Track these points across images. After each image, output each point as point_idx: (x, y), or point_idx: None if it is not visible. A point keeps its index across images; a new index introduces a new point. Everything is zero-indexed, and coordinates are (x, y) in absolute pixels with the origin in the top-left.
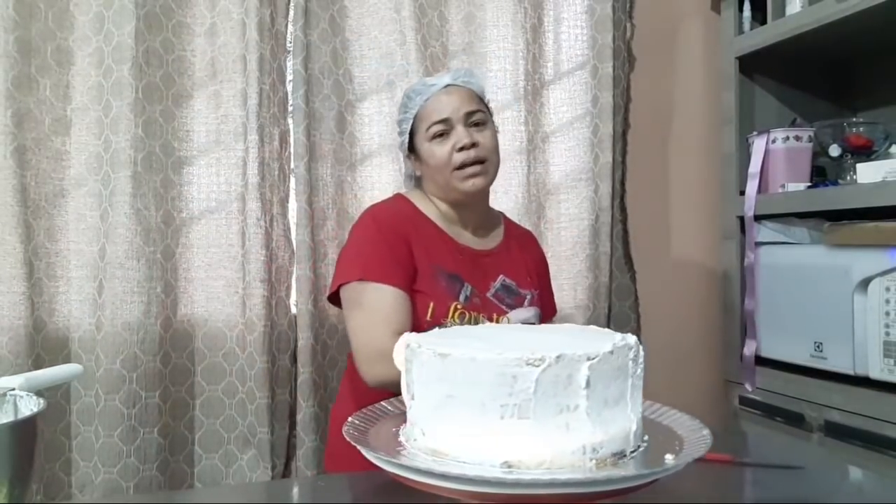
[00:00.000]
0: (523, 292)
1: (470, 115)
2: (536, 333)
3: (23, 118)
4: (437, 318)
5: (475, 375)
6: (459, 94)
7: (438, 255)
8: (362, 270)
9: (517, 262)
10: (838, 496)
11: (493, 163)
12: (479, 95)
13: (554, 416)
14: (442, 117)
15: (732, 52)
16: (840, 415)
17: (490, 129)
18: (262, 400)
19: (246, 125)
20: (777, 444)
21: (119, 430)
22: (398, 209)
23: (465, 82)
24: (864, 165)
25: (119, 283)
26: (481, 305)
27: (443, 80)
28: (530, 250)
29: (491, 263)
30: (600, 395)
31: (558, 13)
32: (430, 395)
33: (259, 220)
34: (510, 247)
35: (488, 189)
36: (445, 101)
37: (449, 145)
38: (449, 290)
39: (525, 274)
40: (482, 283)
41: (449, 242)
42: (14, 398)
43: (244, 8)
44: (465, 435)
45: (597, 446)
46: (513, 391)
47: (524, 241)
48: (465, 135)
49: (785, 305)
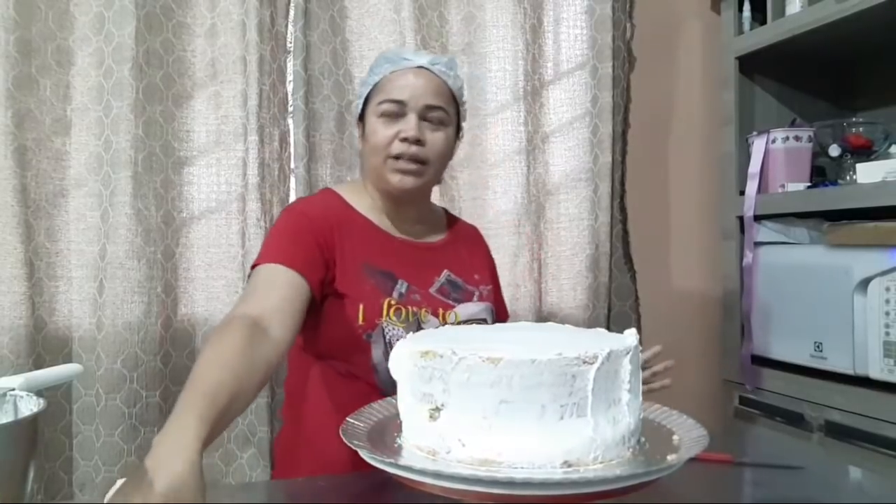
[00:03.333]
0: (470, 288)
1: (429, 108)
2: (530, 333)
3: (23, 118)
4: (370, 320)
5: (534, 378)
6: (428, 81)
7: (367, 252)
8: (259, 257)
9: (463, 257)
10: (838, 496)
11: (433, 167)
12: (451, 92)
13: (605, 411)
14: (397, 98)
15: (732, 53)
16: (840, 415)
17: (445, 133)
18: (261, 399)
19: (246, 126)
20: (777, 444)
21: (120, 430)
22: (324, 204)
23: (441, 72)
24: (864, 165)
25: (119, 282)
26: (422, 301)
27: (419, 59)
28: (478, 247)
29: (433, 258)
30: (634, 388)
31: (558, 13)
32: (476, 403)
33: (259, 220)
34: (455, 241)
35: (427, 189)
36: (409, 83)
37: (394, 130)
38: (379, 288)
39: (472, 270)
40: (423, 279)
41: (381, 236)
42: (14, 398)
43: (244, 9)
44: (521, 440)
45: (630, 435)
46: (572, 390)
47: (471, 238)
48: (415, 127)
49: (785, 305)
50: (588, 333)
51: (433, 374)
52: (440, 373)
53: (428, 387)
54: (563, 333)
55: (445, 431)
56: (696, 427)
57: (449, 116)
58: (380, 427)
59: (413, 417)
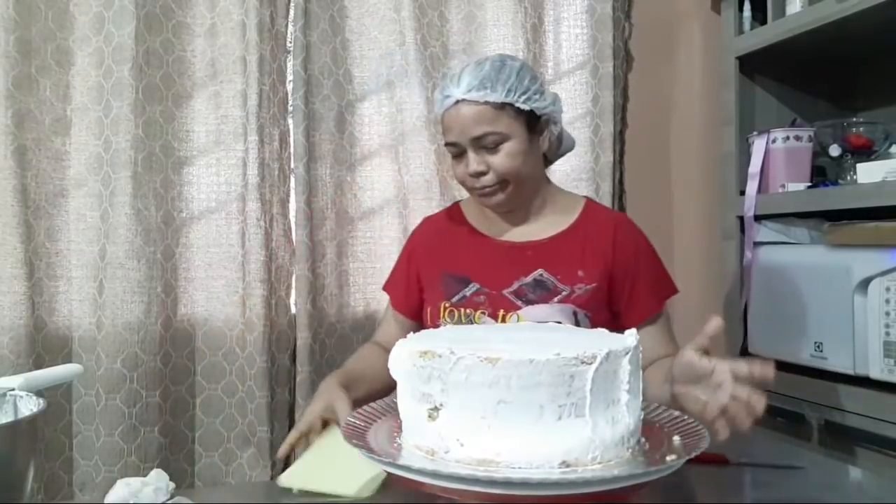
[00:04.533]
0: (561, 287)
1: (478, 139)
2: (531, 333)
3: (23, 118)
4: (433, 322)
5: (532, 378)
6: (469, 114)
7: (452, 260)
8: (388, 280)
9: (573, 254)
10: (838, 496)
11: (512, 178)
12: (495, 107)
13: (604, 411)
14: (451, 140)
15: (732, 52)
16: (840, 415)
17: (507, 148)
18: (261, 399)
19: (246, 126)
20: (777, 444)
21: (119, 429)
22: (435, 220)
23: (478, 97)
24: (865, 165)
25: (119, 282)
26: (485, 302)
27: (457, 91)
28: (605, 240)
29: (532, 257)
30: (633, 388)
31: (558, 13)
32: (474, 403)
33: (259, 220)
34: (573, 236)
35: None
36: (454, 123)
37: (463, 165)
38: (444, 291)
39: (579, 266)
40: (501, 279)
41: (476, 242)
42: (14, 398)
43: (244, 8)
44: (519, 440)
45: (630, 436)
46: (571, 391)
47: (602, 230)
48: (474, 162)
49: (785, 305)
50: (589, 333)
51: (432, 374)
52: (439, 372)
53: (427, 387)
54: (563, 333)
55: (444, 431)
56: (698, 428)
57: (503, 134)
58: (380, 427)
59: (412, 417)
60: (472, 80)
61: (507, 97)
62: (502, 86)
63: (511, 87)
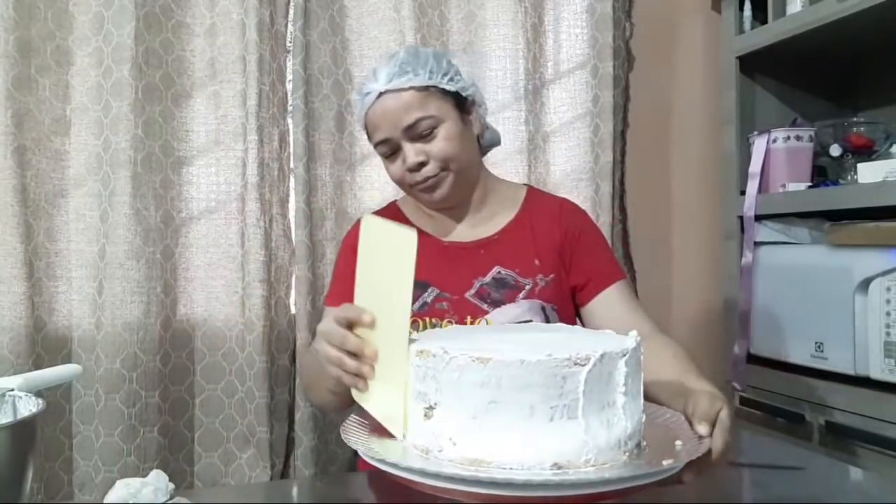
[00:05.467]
0: (523, 281)
1: (411, 127)
2: (532, 333)
3: (23, 118)
4: None
5: (523, 378)
6: (396, 103)
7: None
8: (326, 297)
9: (525, 244)
10: (839, 496)
11: (453, 166)
12: (420, 91)
13: (598, 413)
14: (381, 138)
15: (733, 52)
16: (841, 415)
17: (443, 131)
18: (261, 399)
19: (245, 125)
20: (778, 444)
21: (119, 430)
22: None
23: (402, 84)
24: (865, 165)
25: (119, 282)
26: (449, 309)
27: (377, 85)
28: (555, 224)
29: (483, 256)
30: (631, 390)
31: (558, 12)
32: (466, 402)
33: (258, 220)
34: (521, 226)
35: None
36: (381, 118)
37: (398, 163)
38: None
39: (534, 255)
40: (460, 283)
41: (425, 243)
42: (13, 398)
43: (244, 8)
44: (510, 440)
45: (627, 439)
46: (563, 392)
47: (549, 215)
48: (412, 152)
49: (786, 305)
50: (589, 335)
51: (427, 373)
52: (433, 372)
53: (423, 385)
54: (564, 334)
55: (438, 430)
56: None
57: (436, 117)
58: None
59: (411, 416)
60: (391, 70)
61: (431, 79)
62: (423, 69)
63: (432, 69)
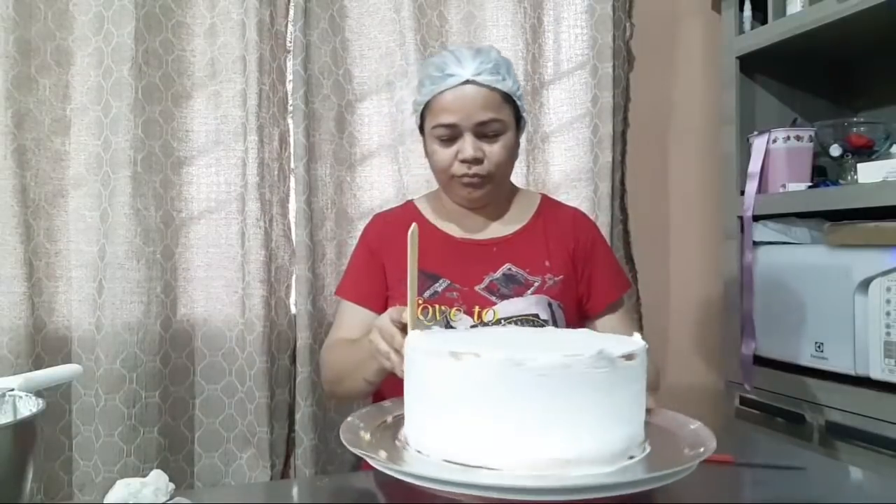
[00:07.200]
0: (532, 279)
1: (483, 124)
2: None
3: (23, 118)
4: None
5: (512, 378)
6: (478, 96)
7: (420, 255)
8: (338, 289)
9: (538, 246)
10: (839, 496)
11: (500, 171)
12: (503, 96)
13: (600, 416)
14: (448, 122)
15: (733, 52)
16: (841, 415)
17: (504, 140)
18: (261, 399)
19: (245, 125)
20: (778, 444)
21: (119, 430)
22: (384, 221)
23: (489, 81)
24: (865, 165)
25: (119, 283)
26: (458, 299)
27: (464, 71)
28: (566, 231)
29: (495, 253)
30: (634, 393)
31: (558, 13)
32: (462, 404)
33: (258, 220)
34: (535, 230)
35: (496, 192)
36: (458, 104)
37: (453, 151)
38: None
39: (544, 258)
40: (471, 276)
41: (441, 240)
42: (13, 399)
43: (244, 8)
44: (506, 443)
45: (629, 442)
46: (562, 394)
47: (563, 222)
48: (472, 147)
49: (786, 306)
50: (591, 336)
51: (420, 371)
52: (420, 368)
53: (417, 382)
54: (563, 335)
55: (438, 431)
56: (709, 439)
57: (505, 123)
58: (385, 425)
59: (410, 415)
60: (484, 64)
61: (513, 89)
62: (510, 77)
63: (515, 82)
